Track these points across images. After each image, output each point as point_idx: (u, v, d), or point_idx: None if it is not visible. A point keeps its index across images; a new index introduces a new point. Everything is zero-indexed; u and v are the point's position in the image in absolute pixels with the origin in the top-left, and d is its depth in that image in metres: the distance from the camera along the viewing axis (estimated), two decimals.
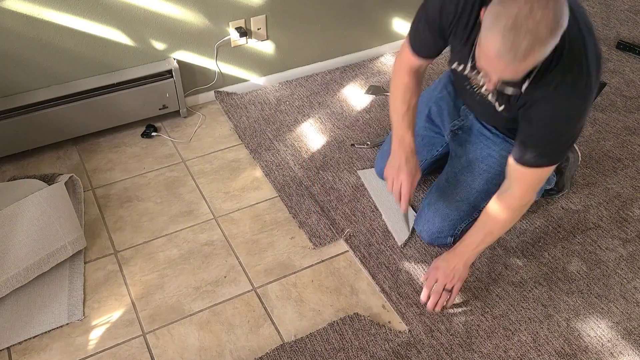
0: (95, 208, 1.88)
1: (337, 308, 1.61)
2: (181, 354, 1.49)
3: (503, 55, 1.07)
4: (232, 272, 1.70)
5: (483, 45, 1.11)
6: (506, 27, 1.04)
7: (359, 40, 2.53)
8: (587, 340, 1.54)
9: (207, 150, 2.11)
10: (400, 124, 1.59)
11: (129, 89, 2.05)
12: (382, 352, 1.50)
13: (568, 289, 1.66)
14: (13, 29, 1.82)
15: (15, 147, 2.00)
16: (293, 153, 2.10)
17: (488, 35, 1.08)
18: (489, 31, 1.07)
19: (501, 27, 1.04)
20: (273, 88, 2.41)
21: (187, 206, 1.90)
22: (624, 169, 2.07)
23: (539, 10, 1.02)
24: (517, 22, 1.03)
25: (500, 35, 1.05)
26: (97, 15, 1.91)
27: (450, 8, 1.32)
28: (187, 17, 2.07)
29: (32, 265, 1.58)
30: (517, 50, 1.05)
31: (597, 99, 2.39)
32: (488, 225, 1.49)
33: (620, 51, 2.70)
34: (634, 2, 3.11)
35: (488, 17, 1.08)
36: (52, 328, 1.53)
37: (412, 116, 1.59)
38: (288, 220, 1.86)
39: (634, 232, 1.84)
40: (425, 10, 1.40)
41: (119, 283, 1.66)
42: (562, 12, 1.05)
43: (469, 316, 1.59)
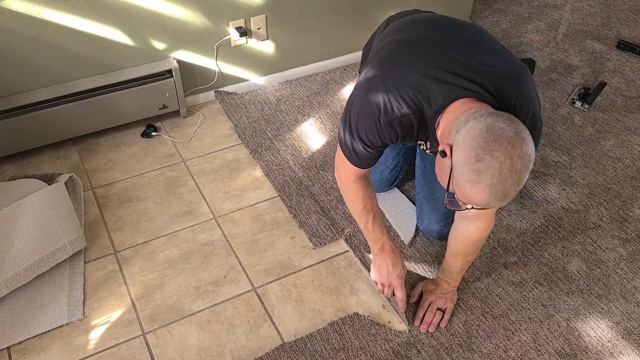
0: (95, 208, 1.88)
1: (337, 308, 1.61)
2: (181, 354, 1.49)
3: (491, 203, 1.07)
4: (232, 272, 1.70)
5: (466, 195, 1.08)
6: (492, 184, 1.03)
7: (359, 40, 2.52)
8: (587, 340, 1.54)
9: (207, 150, 2.11)
10: (373, 232, 1.52)
11: (128, 88, 2.05)
12: (382, 352, 1.50)
13: (568, 289, 1.66)
14: (13, 28, 1.82)
15: (15, 146, 1.99)
16: (293, 153, 2.09)
17: (472, 190, 1.06)
18: (473, 186, 1.05)
19: (486, 184, 1.03)
20: (273, 88, 2.41)
21: (187, 206, 1.90)
22: (624, 168, 2.07)
23: (518, 160, 1.02)
24: (502, 177, 1.02)
25: (488, 192, 1.04)
26: (97, 15, 1.91)
27: (389, 137, 1.27)
28: (187, 16, 2.07)
29: (32, 265, 1.58)
30: (505, 198, 1.06)
31: (598, 99, 2.39)
32: (461, 257, 1.52)
33: (621, 51, 2.71)
34: (634, 2, 3.11)
35: (468, 171, 1.04)
36: (52, 328, 1.53)
37: (379, 217, 1.52)
38: (288, 220, 1.86)
39: (634, 232, 1.83)
40: (360, 140, 1.30)
41: (118, 283, 1.66)
42: (532, 147, 1.05)
43: (469, 316, 1.59)
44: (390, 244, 1.55)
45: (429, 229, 1.75)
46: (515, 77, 1.22)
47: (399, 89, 1.20)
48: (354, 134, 1.31)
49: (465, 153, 1.05)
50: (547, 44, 2.77)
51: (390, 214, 1.86)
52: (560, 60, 2.65)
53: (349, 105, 1.32)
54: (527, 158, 1.04)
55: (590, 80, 2.51)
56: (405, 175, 1.98)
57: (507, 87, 1.18)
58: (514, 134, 1.02)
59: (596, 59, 2.66)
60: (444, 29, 1.31)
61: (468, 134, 1.05)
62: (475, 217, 1.42)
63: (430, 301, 1.57)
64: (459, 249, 1.51)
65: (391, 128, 1.24)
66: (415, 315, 1.58)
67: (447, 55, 1.21)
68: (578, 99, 2.37)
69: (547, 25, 2.93)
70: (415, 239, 1.80)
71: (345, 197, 1.52)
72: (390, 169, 1.85)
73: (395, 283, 1.54)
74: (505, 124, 1.03)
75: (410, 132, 1.26)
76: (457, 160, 1.07)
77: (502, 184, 1.03)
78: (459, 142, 1.07)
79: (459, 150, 1.06)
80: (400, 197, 1.93)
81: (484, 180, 1.03)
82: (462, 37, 1.29)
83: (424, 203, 1.75)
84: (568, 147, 2.15)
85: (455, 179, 1.09)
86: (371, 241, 1.56)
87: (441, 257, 1.73)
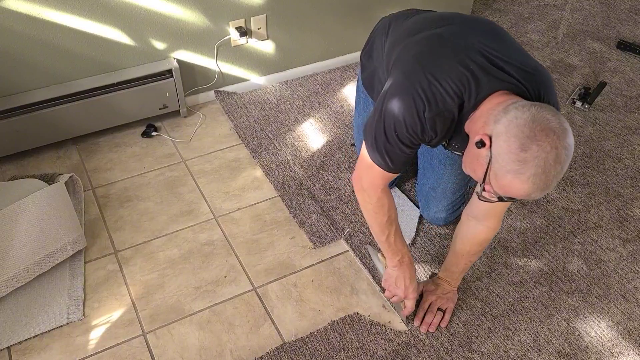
0: (95, 208, 1.88)
1: (337, 308, 1.61)
2: (181, 354, 1.49)
3: (532, 194, 1.06)
4: (232, 271, 1.70)
5: (506, 185, 1.07)
6: (536, 174, 1.02)
7: (359, 39, 2.52)
8: (588, 340, 1.54)
9: (207, 150, 2.11)
10: (394, 244, 1.45)
11: (129, 88, 2.05)
12: (382, 351, 1.50)
13: (568, 289, 1.66)
14: (13, 28, 1.82)
15: (15, 146, 1.99)
16: (293, 153, 2.09)
17: (515, 180, 1.04)
18: (516, 177, 1.04)
19: (530, 175, 1.03)
20: (273, 88, 2.41)
21: (187, 206, 1.90)
22: (624, 168, 2.07)
23: (563, 151, 1.02)
24: (546, 169, 1.02)
25: (530, 182, 1.04)
26: (97, 15, 1.91)
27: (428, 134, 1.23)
28: (188, 16, 2.07)
29: (32, 265, 1.58)
30: (546, 189, 1.06)
31: (598, 99, 2.39)
32: (465, 257, 1.52)
33: (621, 51, 2.71)
34: (634, 2, 3.11)
35: (511, 161, 1.03)
36: (52, 328, 1.53)
37: (399, 228, 1.46)
38: (288, 220, 1.86)
39: (634, 232, 1.83)
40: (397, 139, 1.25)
41: (119, 283, 1.66)
42: (572, 139, 1.05)
43: (469, 316, 1.59)
44: (409, 255, 1.48)
45: (436, 217, 1.76)
46: (539, 72, 1.22)
47: (442, 82, 1.17)
48: (389, 133, 1.24)
49: (509, 143, 1.03)
50: (547, 44, 2.77)
51: None
52: (560, 60, 2.65)
53: (384, 104, 1.25)
54: (570, 149, 1.04)
55: (590, 80, 2.51)
56: (405, 174, 1.98)
57: (534, 82, 1.19)
58: (558, 125, 1.02)
59: (596, 59, 2.66)
60: (464, 24, 1.30)
61: (512, 124, 1.04)
62: (485, 217, 1.41)
63: (431, 302, 1.57)
64: (464, 249, 1.50)
65: (434, 123, 1.20)
66: (416, 315, 1.58)
67: (478, 48, 1.20)
68: (578, 98, 2.37)
69: (548, 25, 2.93)
70: (416, 238, 1.80)
71: (368, 210, 1.41)
72: None
73: (410, 297, 1.50)
74: (550, 114, 1.03)
75: (449, 126, 1.22)
76: (499, 150, 1.05)
77: (546, 175, 1.03)
78: (501, 132, 1.05)
79: (500, 140, 1.05)
80: (401, 197, 1.93)
81: (528, 170, 1.02)
82: (483, 31, 1.28)
83: (430, 193, 1.74)
84: None
85: (495, 169, 1.07)
86: (391, 253, 1.46)
87: (442, 256, 1.73)
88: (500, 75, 1.17)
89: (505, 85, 1.16)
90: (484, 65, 1.17)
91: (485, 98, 1.16)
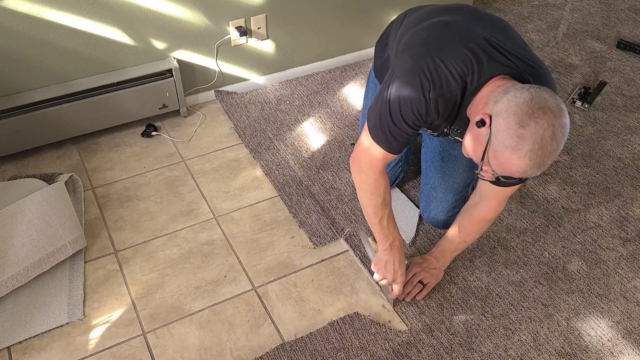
0: (95, 207, 1.88)
1: (337, 307, 1.61)
2: (181, 354, 1.49)
3: (528, 171, 1.11)
4: (232, 271, 1.70)
5: (504, 162, 1.11)
6: (533, 150, 1.07)
7: (359, 39, 2.53)
8: (588, 339, 1.54)
9: (207, 150, 2.11)
10: (387, 228, 1.48)
11: (129, 88, 2.05)
12: (382, 351, 1.50)
13: (568, 289, 1.66)
14: (13, 28, 1.82)
15: (15, 146, 1.99)
16: (293, 152, 2.09)
17: (513, 156, 1.09)
18: (514, 153, 1.08)
19: (527, 150, 1.07)
20: (273, 87, 2.41)
21: (187, 205, 1.90)
22: (624, 168, 2.07)
23: (559, 129, 1.07)
24: (542, 145, 1.07)
25: (527, 159, 1.08)
26: (97, 15, 1.91)
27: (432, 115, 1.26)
28: (187, 16, 2.07)
29: (32, 265, 1.58)
30: (542, 166, 1.10)
31: (598, 98, 2.39)
32: (461, 235, 1.57)
33: (621, 50, 2.70)
34: (634, 2, 3.11)
35: (510, 137, 1.08)
36: (52, 327, 1.53)
37: (392, 212, 1.49)
38: (288, 220, 1.86)
39: (634, 232, 1.83)
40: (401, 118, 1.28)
41: (119, 282, 1.66)
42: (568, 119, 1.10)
43: (469, 316, 1.59)
44: (400, 239, 1.52)
45: (436, 219, 1.77)
46: (539, 66, 1.27)
47: (447, 64, 1.21)
48: (394, 112, 1.27)
49: (508, 120, 1.08)
50: (547, 44, 2.77)
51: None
52: (560, 59, 2.65)
53: (390, 85, 1.28)
54: (566, 128, 1.09)
55: (590, 80, 2.51)
56: (405, 175, 1.98)
57: (534, 75, 1.23)
58: (555, 104, 1.08)
59: (596, 59, 2.66)
60: (472, 15, 1.35)
61: (511, 102, 1.09)
62: (488, 197, 1.46)
63: (415, 272, 1.60)
64: (462, 224, 1.54)
65: (437, 104, 1.23)
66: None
67: (483, 35, 1.24)
68: (578, 98, 2.37)
69: (547, 25, 2.93)
70: (416, 238, 1.80)
71: (364, 191, 1.44)
72: (392, 166, 1.84)
73: (398, 280, 1.53)
74: (548, 94, 1.09)
75: (451, 109, 1.26)
76: (498, 127, 1.10)
77: (543, 151, 1.07)
78: (501, 110, 1.10)
79: (500, 118, 1.10)
80: (402, 197, 1.93)
81: (526, 146, 1.07)
82: (490, 22, 1.33)
83: (432, 193, 1.75)
84: (568, 147, 2.15)
85: (494, 147, 1.12)
86: (382, 237, 1.49)
87: None
88: (502, 60, 1.21)
89: (507, 69, 1.20)
90: (487, 50, 1.22)
91: (487, 81, 1.20)
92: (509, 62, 1.21)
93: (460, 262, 1.72)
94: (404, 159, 1.86)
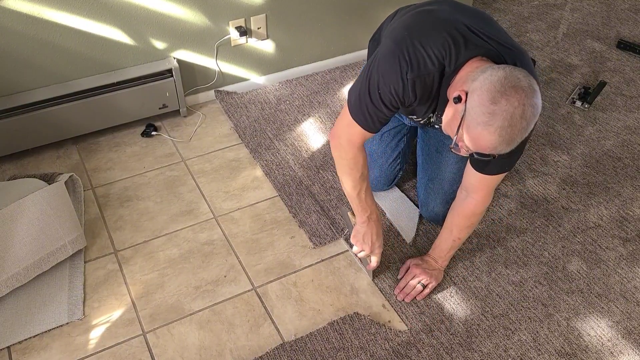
0: (95, 207, 1.88)
1: (337, 307, 1.61)
2: (181, 353, 1.49)
3: (497, 147, 1.16)
4: (232, 271, 1.70)
5: (475, 137, 1.16)
6: (503, 126, 1.11)
7: (359, 39, 2.53)
8: (587, 339, 1.54)
9: (207, 150, 2.11)
10: (365, 201, 1.53)
11: (129, 88, 2.05)
12: (382, 351, 1.50)
13: (568, 289, 1.66)
14: (13, 28, 1.82)
15: (15, 146, 1.99)
16: (293, 152, 2.09)
17: (484, 132, 1.14)
18: (485, 128, 1.13)
19: (497, 127, 1.12)
20: (273, 87, 2.41)
21: (187, 205, 1.90)
22: (624, 168, 2.07)
23: (529, 108, 1.12)
24: (512, 122, 1.11)
25: (497, 134, 1.13)
26: (97, 14, 1.91)
27: (408, 97, 1.31)
28: (187, 16, 2.07)
29: (32, 265, 1.58)
30: (511, 143, 1.15)
31: (598, 98, 2.39)
32: (454, 232, 1.59)
33: (621, 50, 2.70)
34: (634, 2, 3.11)
35: (482, 113, 1.12)
36: (52, 327, 1.53)
37: (370, 186, 1.55)
38: (288, 220, 1.86)
39: (634, 232, 1.83)
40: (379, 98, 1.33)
41: (119, 282, 1.66)
42: (540, 100, 1.14)
43: (469, 315, 1.59)
44: (377, 213, 1.57)
45: (434, 212, 1.78)
46: (519, 51, 1.31)
47: (426, 47, 1.26)
48: (373, 92, 1.33)
49: (481, 97, 1.13)
50: (547, 44, 2.77)
51: (391, 214, 1.86)
52: (560, 59, 2.65)
53: (371, 66, 1.34)
54: (537, 108, 1.13)
55: (590, 80, 2.51)
56: (405, 175, 1.98)
57: (513, 57, 1.27)
58: (528, 85, 1.12)
59: (596, 59, 2.66)
60: (455, 6, 1.40)
61: (486, 80, 1.13)
62: (474, 189, 1.49)
63: (414, 274, 1.61)
64: (453, 221, 1.57)
65: (415, 85, 1.28)
66: (398, 285, 1.63)
67: (463, 22, 1.29)
68: (578, 98, 2.37)
69: (547, 25, 2.93)
70: (416, 238, 1.80)
71: (343, 166, 1.49)
72: (390, 162, 1.85)
73: (376, 252, 1.59)
74: (522, 74, 1.13)
75: (429, 92, 1.31)
76: (472, 103, 1.14)
77: (512, 128, 1.11)
78: (476, 88, 1.15)
79: (475, 95, 1.14)
80: (401, 197, 1.93)
81: (496, 122, 1.11)
82: (472, 13, 1.38)
83: (428, 185, 1.77)
84: (568, 147, 2.15)
85: (467, 122, 1.16)
86: (360, 210, 1.54)
87: None
88: (481, 42, 1.26)
89: (485, 51, 1.25)
90: (466, 34, 1.27)
91: (465, 63, 1.24)
92: (487, 45, 1.26)
93: (460, 262, 1.72)
94: (402, 157, 1.86)
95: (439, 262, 1.64)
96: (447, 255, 1.63)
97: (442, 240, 1.62)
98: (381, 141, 1.82)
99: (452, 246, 1.61)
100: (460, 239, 1.60)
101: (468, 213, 1.54)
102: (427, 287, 1.61)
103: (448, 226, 1.59)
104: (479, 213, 1.54)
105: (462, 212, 1.55)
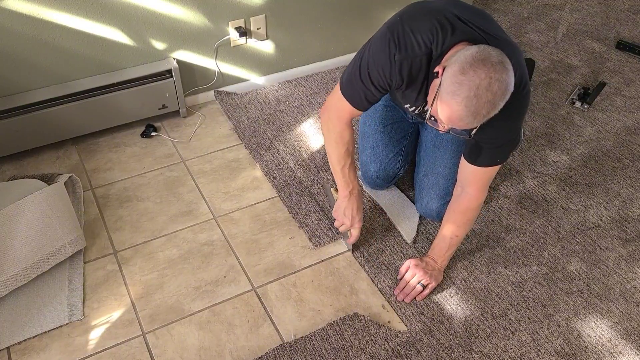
0: (94, 208, 1.88)
1: (336, 308, 1.61)
2: (181, 354, 1.49)
3: (464, 118, 1.20)
4: (232, 272, 1.70)
5: (444, 107, 1.22)
6: (469, 97, 1.16)
7: (359, 39, 2.52)
8: (587, 340, 1.54)
9: (207, 150, 2.11)
10: (348, 175, 1.61)
11: (128, 88, 2.05)
12: (382, 351, 1.50)
13: (568, 289, 1.66)
14: (12, 28, 1.82)
15: (14, 146, 1.99)
16: (293, 153, 2.10)
17: (451, 101, 1.19)
18: (453, 98, 1.18)
19: (464, 96, 1.17)
20: (273, 88, 2.41)
21: (186, 206, 1.90)
22: (624, 168, 2.07)
23: (496, 83, 1.15)
24: (478, 93, 1.16)
25: (463, 104, 1.17)
26: (96, 15, 1.91)
27: (396, 78, 1.38)
28: (187, 16, 2.07)
29: (31, 265, 1.58)
30: (477, 115, 1.19)
31: (597, 99, 2.39)
32: (452, 229, 1.61)
33: (620, 51, 2.71)
34: (633, 2, 3.11)
35: (451, 83, 1.18)
36: (51, 328, 1.53)
37: (354, 162, 1.63)
38: (288, 220, 1.86)
39: (634, 232, 1.84)
40: (368, 77, 1.41)
41: (118, 283, 1.66)
42: (511, 80, 1.19)
43: (469, 316, 1.59)
44: (359, 188, 1.64)
45: (429, 207, 1.78)
46: (509, 44, 1.35)
47: (415, 33, 1.33)
48: (363, 71, 1.41)
49: (453, 68, 1.19)
50: (546, 44, 2.77)
51: (391, 214, 1.86)
52: (559, 60, 2.65)
53: (366, 47, 1.43)
54: (505, 85, 1.17)
55: (589, 80, 2.51)
56: (405, 174, 1.98)
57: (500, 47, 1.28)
58: (498, 60, 1.16)
59: (596, 59, 2.66)
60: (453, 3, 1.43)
61: (461, 55, 1.20)
62: (468, 183, 1.53)
63: (414, 274, 1.62)
64: (449, 218, 1.60)
65: (402, 66, 1.35)
66: (398, 285, 1.63)
67: (455, 13, 1.34)
68: (578, 99, 2.37)
69: (547, 26, 2.93)
70: (417, 238, 1.80)
71: (330, 139, 1.57)
72: (390, 157, 1.84)
73: (356, 225, 1.65)
74: (495, 52, 1.18)
75: (416, 77, 1.37)
76: (445, 75, 1.20)
77: (477, 99, 1.16)
78: (452, 62, 1.20)
79: (449, 68, 1.20)
80: (401, 197, 1.93)
81: (463, 92, 1.16)
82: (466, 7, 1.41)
83: (424, 180, 1.79)
84: (568, 147, 2.15)
85: (440, 93, 1.22)
86: (343, 184, 1.62)
87: None
88: (468, 30, 1.31)
89: (470, 37, 1.30)
90: (454, 22, 1.32)
91: (451, 47, 1.29)
92: (475, 33, 1.30)
93: (460, 263, 1.72)
94: (404, 155, 1.86)
95: (439, 262, 1.64)
96: (446, 255, 1.64)
97: (440, 239, 1.63)
98: (384, 134, 1.83)
99: (451, 245, 1.62)
100: (458, 236, 1.60)
101: (463, 208, 1.56)
102: (426, 288, 1.61)
103: (445, 224, 1.61)
104: (473, 208, 1.56)
105: (458, 207, 1.57)
